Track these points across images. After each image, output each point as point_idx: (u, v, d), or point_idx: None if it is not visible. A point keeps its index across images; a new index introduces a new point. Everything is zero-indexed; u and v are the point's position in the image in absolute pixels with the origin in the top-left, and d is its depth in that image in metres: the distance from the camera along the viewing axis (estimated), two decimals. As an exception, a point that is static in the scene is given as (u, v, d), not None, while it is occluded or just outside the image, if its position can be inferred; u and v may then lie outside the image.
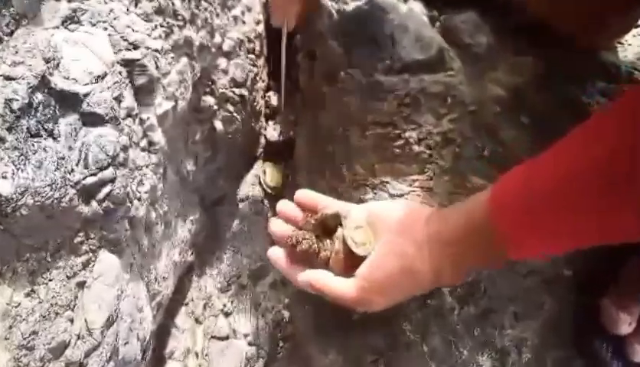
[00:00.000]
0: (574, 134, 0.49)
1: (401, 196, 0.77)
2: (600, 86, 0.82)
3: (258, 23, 0.82)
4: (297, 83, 0.93)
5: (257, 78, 0.81)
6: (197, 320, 0.75)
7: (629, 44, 0.88)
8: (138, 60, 0.51)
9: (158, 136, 0.55)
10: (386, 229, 0.57)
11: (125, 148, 0.48)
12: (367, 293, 0.54)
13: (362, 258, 0.56)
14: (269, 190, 0.89)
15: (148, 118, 0.53)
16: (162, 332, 0.71)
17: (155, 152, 0.55)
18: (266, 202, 0.90)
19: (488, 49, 0.77)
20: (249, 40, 0.78)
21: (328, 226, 0.59)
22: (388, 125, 0.76)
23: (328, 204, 0.62)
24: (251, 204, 0.87)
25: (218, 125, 0.71)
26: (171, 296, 0.70)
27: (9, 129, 0.40)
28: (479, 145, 0.78)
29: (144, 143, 0.53)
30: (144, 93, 0.53)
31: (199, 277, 0.79)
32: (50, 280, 0.42)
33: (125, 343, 0.49)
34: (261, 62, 0.86)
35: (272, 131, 0.93)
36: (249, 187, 0.88)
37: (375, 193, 0.78)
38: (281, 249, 0.60)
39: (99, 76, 0.47)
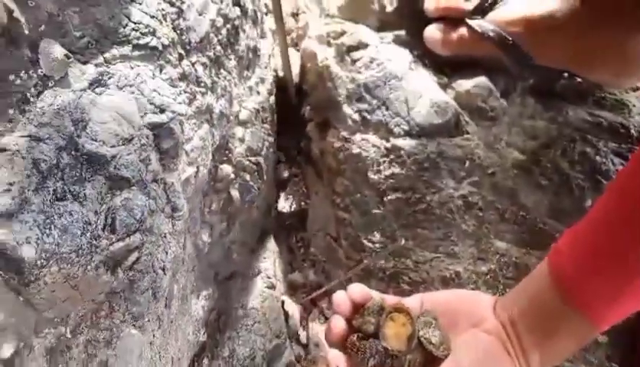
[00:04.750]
0: (608, 197, 0.50)
1: (424, 262, 0.74)
2: (612, 146, 0.82)
3: (270, 94, 0.82)
4: (308, 155, 0.92)
5: (271, 148, 0.80)
6: (210, 409, 0.68)
7: (634, 105, 0.89)
8: (164, 123, 0.50)
9: (181, 202, 0.52)
10: (455, 322, 0.53)
11: (151, 213, 0.45)
12: None
13: (440, 361, 0.50)
14: None
15: (172, 184, 0.51)
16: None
17: (179, 219, 0.52)
18: (279, 274, 0.86)
19: (502, 112, 0.78)
20: (264, 110, 0.77)
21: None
22: (408, 189, 0.74)
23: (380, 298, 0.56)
24: (264, 279, 0.83)
25: (235, 194, 0.69)
26: (183, 381, 0.63)
27: (35, 191, 0.37)
28: (500, 208, 0.76)
29: (168, 209, 0.50)
30: (169, 157, 0.51)
31: (210, 360, 0.72)
32: (70, 359, 0.37)
33: None
34: (274, 133, 0.85)
35: (283, 203, 0.91)
36: (261, 261, 0.84)
37: (397, 261, 0.75)
38: (342, 356, 0.52)
39: (126, 139, 0.45)
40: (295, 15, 1.03)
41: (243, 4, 0.71)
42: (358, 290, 0.54)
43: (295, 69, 0.92)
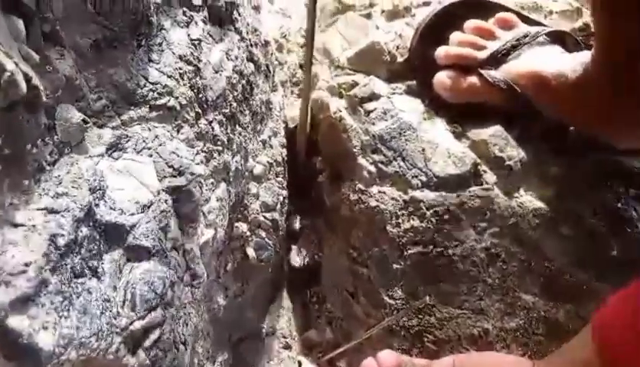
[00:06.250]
0: None
1: (450, 319, 0.71)
2: (632, 192, 0.80)
3: (283, 147, 0.80)
4: (319, 206, 0.90)
5: (285, 201, 0.78)
6: None
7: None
8: (183, 186, 0.48)
9: (201, 269, 0.49)
10: None
11: (172, 285, 0.43)
12: None
13: None
14: None
15: (191, 249, 0.48)
16: None
17: (198, 287, 0.49)
18: (294, 333, 0.82)
19: (519, 160, 0.76)
20: (277, 164, 0.76)
21: None
22: (429, 243, 0.72)
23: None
24: (279, 339, 0.79)
25: (251, 252, 0.66)
26: None
27: (53, 270, 0.34)
28: (524, 260, 0.74)
29: (187, 277, 0.47)
30: (188, 222, 0.48)
31: None
32: None
33: None
34: (285, 185, 0.83)
35: (295, 257, 0.88)
36: (275, 320, 0.80)
37: (420, 318, 0.72)
38: None
39: (145, 206, 0.43)
40: (302, 67, 1.03)
41: (257, 60, 0.70)
42: (388, 358, 0.51)
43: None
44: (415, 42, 0.84)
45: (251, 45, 0.68)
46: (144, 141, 0.47)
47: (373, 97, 0.80)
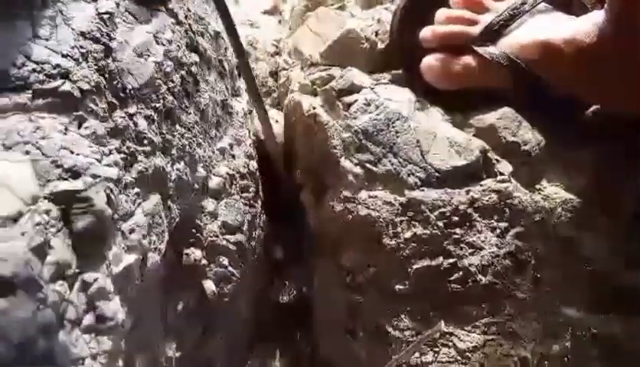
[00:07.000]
0: None
1: (475, 349, 0.55)
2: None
3: (250, 157, 0.67)
4: (303, 229, 0.75)
5: (256, 223, 0.63)
6: None
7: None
8: (78, 191, 0.34)
9: (113, 307, 0.35)
10: None
11: (47, 331, 0.28)
12: None
13: None
14: None
15: (95, 280, 0.34)
16: None
17: (109, 333, 0.34)
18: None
19: (536, 144, 0.63)
20: (242, 177, 0.62)
21: None
22: (438, 254, 0.57)
23: None
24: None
25: (209, 286, 0.52)
26: None
27: None
28: (560, 264, 0.59)
29: (90, 319, 0.33)
30: (88, 242, 0.34)
31: None
32: None
33: None
34: (258, 205, 0.69)
35: (279, 291, 0.73)
36: (257, 373, 0.65)
37: (437, 352, 0.56)
38: None
39: (7, 219, 0.29)
40: (274, 74, 0.91)
41: (203, 52, 0.58)
42: None
43: (280, 131, 0.78)
44: (395, 26, 0.73)
45: (193, 33, 0.56)
46: (19, 134, 0.34)
47: (353, 89, 0.67)
